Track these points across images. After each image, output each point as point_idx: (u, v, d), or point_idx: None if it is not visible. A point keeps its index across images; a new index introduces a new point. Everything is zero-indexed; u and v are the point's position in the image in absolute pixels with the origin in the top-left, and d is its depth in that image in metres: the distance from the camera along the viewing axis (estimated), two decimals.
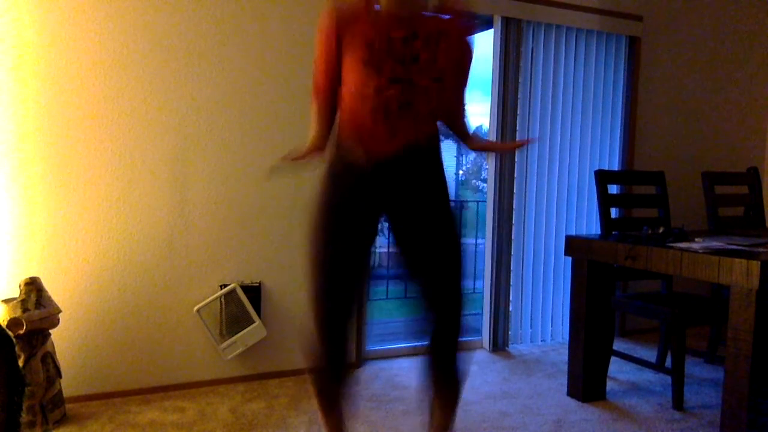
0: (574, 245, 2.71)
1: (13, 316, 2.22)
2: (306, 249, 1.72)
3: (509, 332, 3.50)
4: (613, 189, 3.57)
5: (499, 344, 3.44)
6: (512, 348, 3.49)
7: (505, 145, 1.79)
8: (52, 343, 2.38)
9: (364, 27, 1.57)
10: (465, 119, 1.81)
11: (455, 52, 1.65)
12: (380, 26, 1.56)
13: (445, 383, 1.80)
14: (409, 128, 1.63)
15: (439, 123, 1.74)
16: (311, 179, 2.91)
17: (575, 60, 3.59)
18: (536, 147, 3.51)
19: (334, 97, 1.70)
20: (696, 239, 2.53)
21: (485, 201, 3.51)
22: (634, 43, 3.73)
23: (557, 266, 3.63)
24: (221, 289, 2.77)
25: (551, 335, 3.65)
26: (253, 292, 2.82)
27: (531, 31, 3.43)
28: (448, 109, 1.76)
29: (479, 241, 5.04)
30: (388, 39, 1.55)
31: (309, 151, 1.69)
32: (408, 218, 1.72)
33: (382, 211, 1.74)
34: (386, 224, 1.80)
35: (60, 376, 2.39)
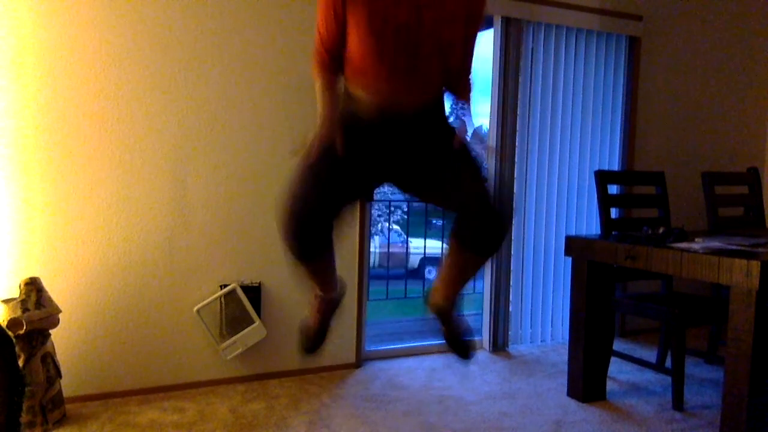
0: (574, 245, 2.71)
1: (13, 316, 2.21)
2: (295, 173, 1.59)
3: (509, 332, 3.50)
4: (613, 189, 3.57)
5: (499, 344, 3.44)
6: (512, 348, 3.49)
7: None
8: (52, 343, 2.38)
9: (368, 4, 1.50)
10: (469, 76, 1.78)
11: (465, 10, 1.59)
12: (386, 9, 1.50)
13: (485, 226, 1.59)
14: (411, 96, 1.61)
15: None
16: None
17: (575, 60, 3.59)
18: (536, 147, 3.51)
19: (335, 66, 1.65)
20: (696, 239, 2.53)
21: None
22: (634, 43, 3.73)
23: (557, 266, 3.63)
24: (221, 289, 2.77)
25: (551, 335, 3.65)
26: (253, 292, 2.81)
27: (531, 31, 3.43)
28: (453, 83, 1.73)
29: None
30: (394, 27, 1.50)
31: (321, 138, 1.58)
32: (420, 168, 1.69)
33: (385, 174, 1.71)
34: (392, 186, 1.76)
35: (60, 376, 2.39)
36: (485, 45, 3.49)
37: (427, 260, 10.98)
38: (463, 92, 1.80)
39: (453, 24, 1.56)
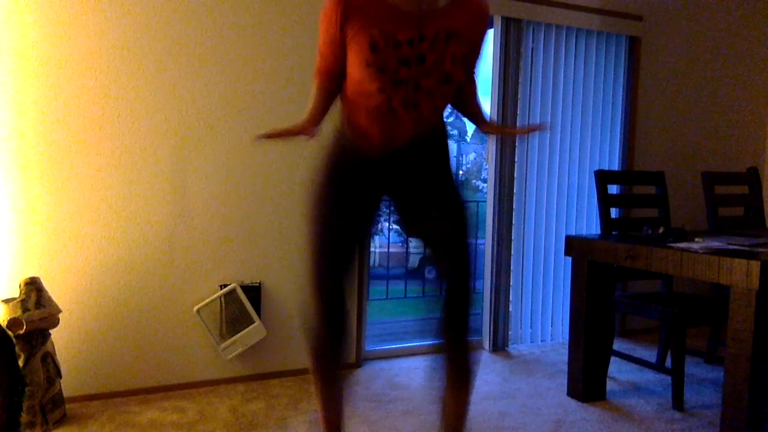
0: (574, 245, 2.71)
1: (13, 316, 2.22)
2: (306, 220, 1.72)
3: (509, 332, 3.50)
4: (613, 189, 3.57)
5: (499, 344, 3.44)
6: (512, 348, 3.49)
7: (516, 130, 1.77)
8: (52, 343, 2.38)
9: (369, 22, 1.48)
10: (477, 100, 1.78)
11: (468, 33, 1.57)
12: (386, 25, 1.48)
13: (457, 364, 1.75)
14: (411, 128, 1.63)
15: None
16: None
17: (575, 60, 3.59)
18: (536, 147, 3.51)
19: (334, 82, 1.66)
20: (696, 239, 2.53)
21: (485, 201, 3.51)
22: (634, 43, 3.73)
23: (557, 266, 3.63)
24: (221, 289, 2.77)
25: (551, 335, 3.65)
26: (253, 292, 2.82)
27: (531, 31, 3.43)
28: (459, 94, 1.74)
29: (479, 241, 5.03)
30: (394, 41, 1.48)
31: (300, 128, 1.63)
32: (411, 195, 1.74)
33: (383, 192, 1.76)
34: (389, 204, 1.83)
35: (60, 376, 2.39)
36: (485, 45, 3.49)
37: (426, 260, 10.98)
38: (475, 116, 1.79)
39: (456, 40, 1.54)
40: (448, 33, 1.52)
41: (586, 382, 2.70)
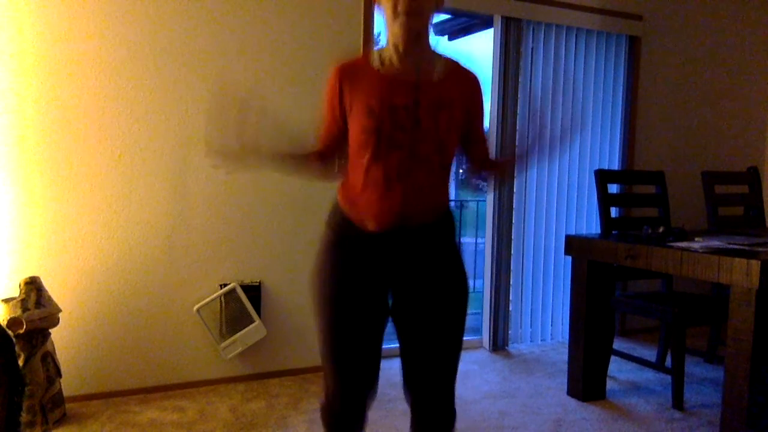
0: (574, 245, 2.71)
1: (13, 315, 2.22)
2: (315, 321, 1.67)
3: (509, 332, 3.50)
4: (613, 188, 3.57)
5: (499, 344, 3.44)
6: (512, 347, 3.49)
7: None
8: (52, 343, 2.38)
9: (367, 91, 1.52)
10: (489, 161, 1.75)
11: (463, 105, 1.58)
12: (382, 92, 1.50)
13: None
14: (408, 197, 1.54)
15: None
16: (313, 180, 2.92)
17: (575, 60, 3.59)
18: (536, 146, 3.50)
19: (329, 150, 1.64)
20: (696, 239, 2.53)
21: (485, 200, 3.51)
22: (634, 43, 3.73)
23: (557, 266, 3.63)
24: (221, 288, 2.77)
25: (551, 335, 3.65)
26: (253, 291, 2.82)
27: (531, 31, 3.43)
28: (471, 160, 1.72)
29: (479, 240, 5.04)
30: (390, 106, 1.50)
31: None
32: (413, 307, 1.69)
33: (388, 285, 1.68)
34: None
35: (60, 376, 2.39)
36: (485, 45, 3.50)
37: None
38: (490, 170, 1.77)
39: (449, 109, 1.54)
40: (442, 102, 1.54)
41: (586, 381, 2.70)
